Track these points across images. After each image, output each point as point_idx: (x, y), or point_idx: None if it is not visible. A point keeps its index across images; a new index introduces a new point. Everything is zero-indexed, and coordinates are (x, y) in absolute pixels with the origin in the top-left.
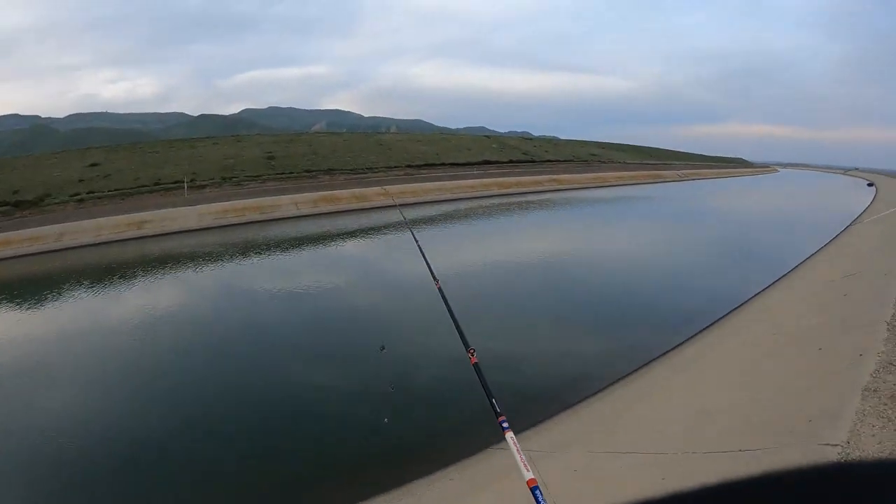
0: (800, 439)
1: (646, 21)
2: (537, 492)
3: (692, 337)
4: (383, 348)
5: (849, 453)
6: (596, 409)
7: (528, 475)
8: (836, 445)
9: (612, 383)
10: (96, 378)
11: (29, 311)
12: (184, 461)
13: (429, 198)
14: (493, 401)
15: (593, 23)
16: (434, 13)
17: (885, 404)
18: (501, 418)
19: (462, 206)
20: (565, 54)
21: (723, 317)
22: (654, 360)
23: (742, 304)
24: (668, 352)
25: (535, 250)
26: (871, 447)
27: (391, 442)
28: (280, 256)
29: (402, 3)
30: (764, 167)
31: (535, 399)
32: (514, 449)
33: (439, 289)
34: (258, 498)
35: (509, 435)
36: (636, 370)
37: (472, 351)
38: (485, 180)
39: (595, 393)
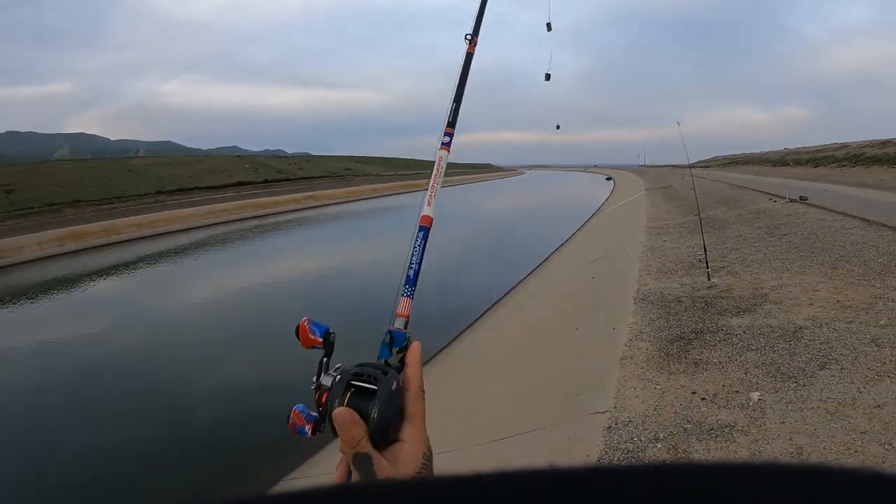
0: (572, 413)
1: (398, 38)
2: None
3: (450, 343)
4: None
5: (617, 416)
6: (491, 319)
7: None
8: (605, 412)
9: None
10: None
11: None
12: None
13: (182, 225)
14: None
15: (348, 39)
16: (185, 24)
17: (642, 367)
18: None
19: (218, 230)
20: (320, 70)
21: (479, 318)
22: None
23: (498, 301)
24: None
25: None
26: (636, 407)
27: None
28: (28, 306)
29: (153, 12)
30: (511, 170)
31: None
32: None
33: None
34: None
35: None
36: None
37: None
38: (241, 202)
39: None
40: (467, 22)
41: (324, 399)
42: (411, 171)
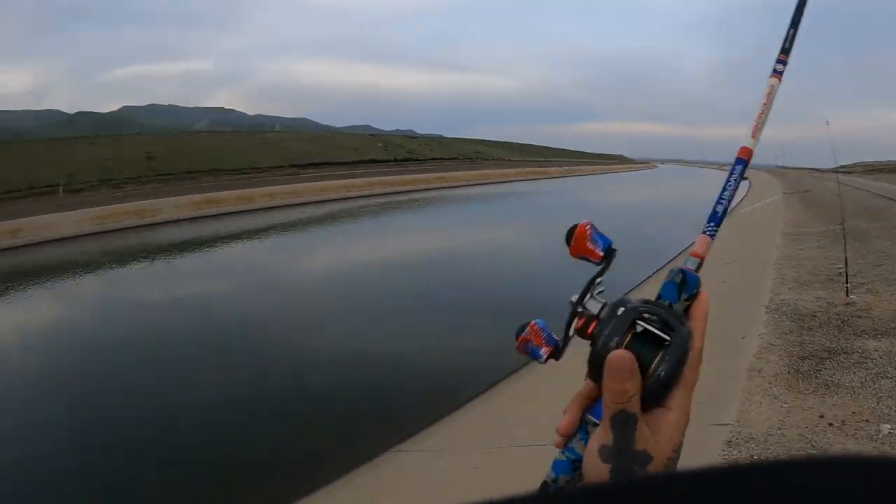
0: (692, 421)
1: (532, 23)
2: None
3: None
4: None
5: (739, 431)
6: (489, 406)
7: None
8: (727, 425)
9: (501, 381)
10: None
11: None
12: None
13: (315, 198)
14: None
15: (482, 22)
16: (319, 7)
17: (770, 382)
18: None
19: (348, 205)
20: (454, 53)
21: None
22: None
23: (629, 292)
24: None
25: (423, 247)
26: (759, 424)
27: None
28: (165, 263)
29: None
30: (644, 163)
31: (427, 399)
32: None
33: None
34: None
35: None
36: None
37: None
38: (370, 179)
39: (486, 390)
40: (596, 12)
41: (590, 329)
42: (541, 157)
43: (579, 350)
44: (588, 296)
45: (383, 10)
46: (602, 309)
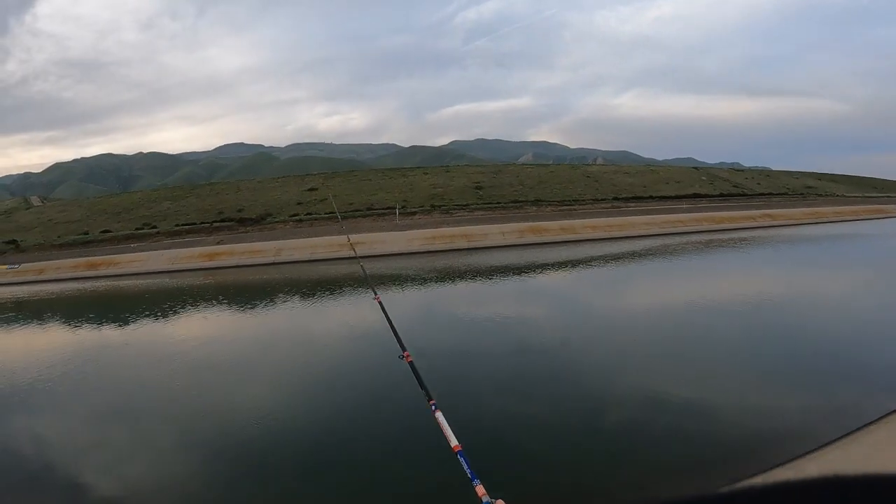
0: None
1: (851, 37)
2: (461, 456)
3: None
4: None
5: None
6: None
7: (454, 443)
8: None
9: (819, 448)
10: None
11: (242, 314)
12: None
13: (637, 232)
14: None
15: (796, 43)
16: (629, 41)
17: None
18: (432, 402)
19: (671, 241)
20: (770, 78)
21: None
22: (871, 423)
23: None
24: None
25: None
26: None
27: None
28: (485, 283)
29: (598, 33)
30: None
31: (729, 458)
32: (443, 423)
33: None
34: None
35: (438, 414)
36: (848, 434)
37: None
38: (695, 215)
39: (800, 456)
40: None
41: None
42: (880, 192)
43: None
44: None
45: (689, 40)
46: None
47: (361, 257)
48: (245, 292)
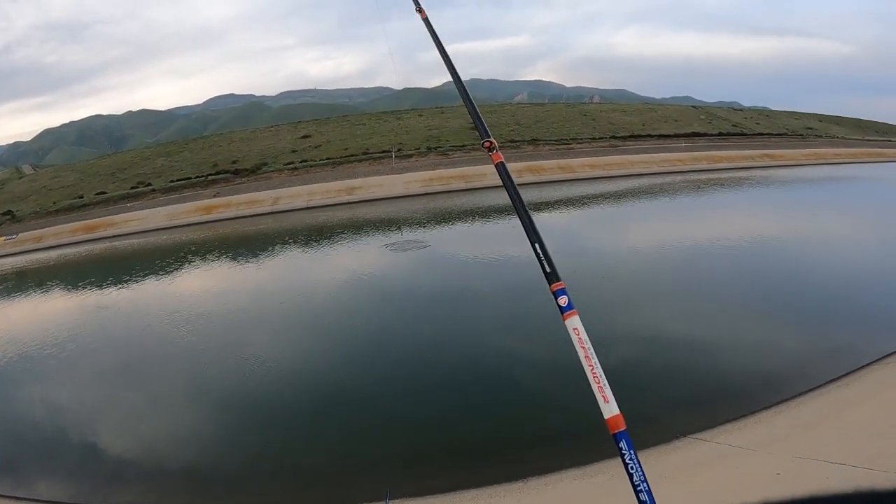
0: None
1: None
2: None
3: None
4: None
5: None
6: (803, 410)
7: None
8: None
9: (821, 385)
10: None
11: (242, 267)
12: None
13: (635, 170)
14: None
15: None
16: None
17: None
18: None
19: (669, 179)
20: (775, 16)
21: None
22: (874, 362)
23: None
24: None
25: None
26: None
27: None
28: (485, 223)
29: None
30: None
31: (735, 394)
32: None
33: None
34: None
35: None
36: (849, 373)
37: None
38: (694, 153)
39: (802, 394)
40: None
41: None
42: (881, 136)
43: None
44: None
45: None
46: None
47: (360, 202)
48: (245, 243)
